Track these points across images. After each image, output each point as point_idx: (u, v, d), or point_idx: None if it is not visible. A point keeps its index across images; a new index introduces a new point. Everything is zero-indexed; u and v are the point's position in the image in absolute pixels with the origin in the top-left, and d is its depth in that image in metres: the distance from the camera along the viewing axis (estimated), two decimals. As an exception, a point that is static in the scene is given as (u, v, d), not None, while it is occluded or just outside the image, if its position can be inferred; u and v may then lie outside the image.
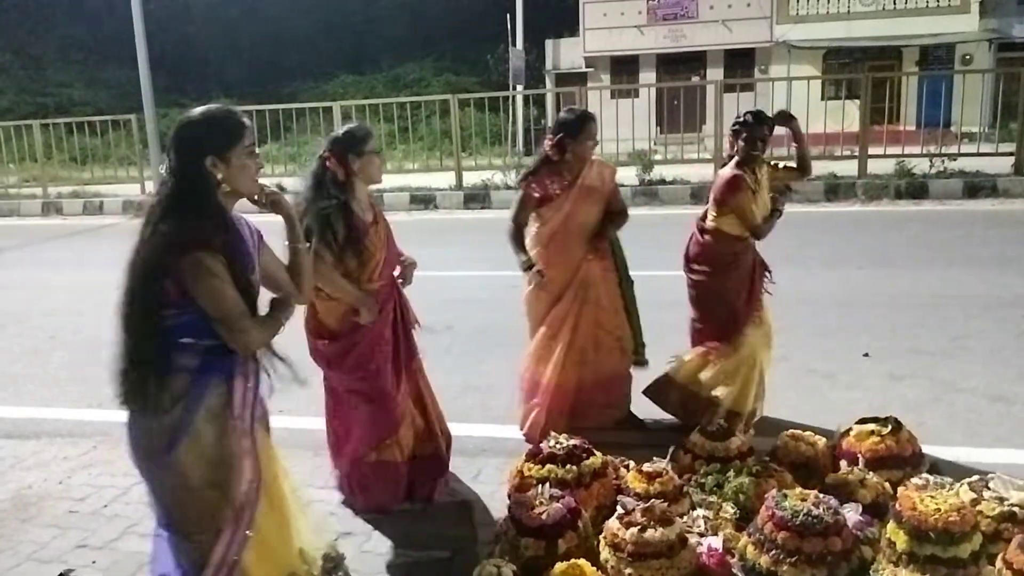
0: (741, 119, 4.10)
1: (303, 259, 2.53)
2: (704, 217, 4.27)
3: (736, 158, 4.12)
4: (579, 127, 4.05)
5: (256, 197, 2.38)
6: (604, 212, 4.20)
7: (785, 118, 4.23)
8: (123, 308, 2.20)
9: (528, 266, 4.08)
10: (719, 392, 4.22)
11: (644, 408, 4.45)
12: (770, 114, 4.20)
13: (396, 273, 3.65)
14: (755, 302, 4.22)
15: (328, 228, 3.29)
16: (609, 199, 4.22)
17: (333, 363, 3.51)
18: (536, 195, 4.12)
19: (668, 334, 4.49)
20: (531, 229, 4.21)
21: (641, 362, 4.38)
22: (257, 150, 2.32)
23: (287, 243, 2.53)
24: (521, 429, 4.32)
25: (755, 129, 4.04)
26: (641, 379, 4.42)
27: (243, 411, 2.26)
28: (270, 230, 2.58)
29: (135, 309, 2.17)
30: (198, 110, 2.28)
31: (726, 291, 4.19)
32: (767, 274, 4.31)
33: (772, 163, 4.31)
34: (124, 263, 2.23)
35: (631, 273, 4.33)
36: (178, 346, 2.20)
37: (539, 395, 4.24)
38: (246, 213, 2.43)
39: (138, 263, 2.18)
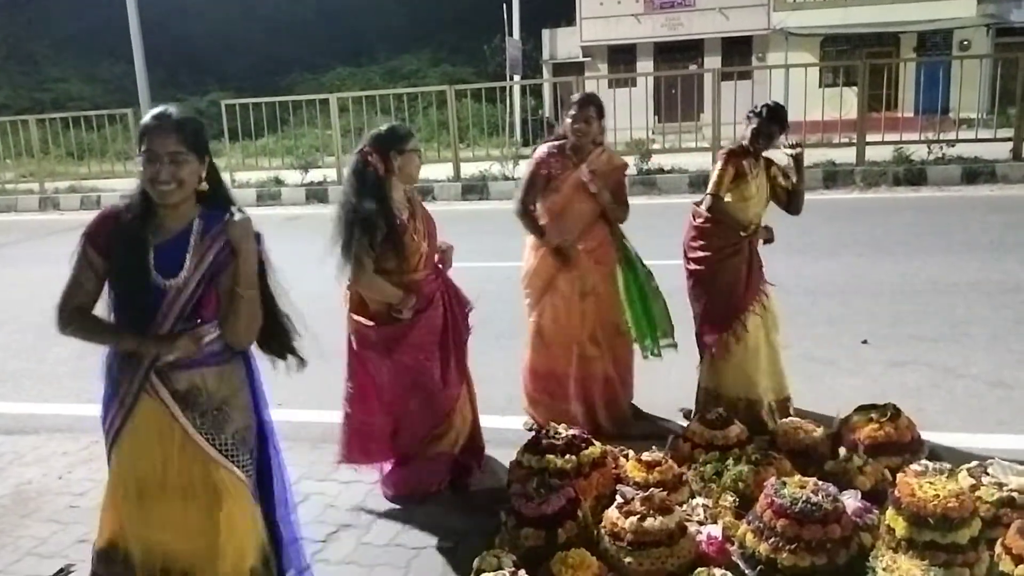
0: (758, 108, 4.10)
1: (242, 306, 2.32)
2: (700, 203, 4.26)
3: (741, 143, 4.15)
4: (576, 108, 4.07)
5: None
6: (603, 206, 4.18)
7: (795, 155, 4.20)
8: None
9: (555, 244, 4.09)
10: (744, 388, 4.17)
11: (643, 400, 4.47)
12: (760, 106, 4.18)
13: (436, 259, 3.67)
14: (753, 289, 4.18)
15: (368, 233, 3.31)
16: (613, 190, 4.18)
17: (391, 348, 3.49)
18: (543, 172, 4.12)
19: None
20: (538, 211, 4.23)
21: (672, 345, 4.42)
22: (143, 159, 2.25)
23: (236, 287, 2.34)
24: (527, 412, 4.32)
25: (765, 123, 4.05)
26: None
27: (137, 383, 2.30)
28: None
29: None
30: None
31: (723, 276, 4.16)
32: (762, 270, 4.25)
33: (775, 174, 4.24)
34: None
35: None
36: None
37: (534, 381, 4.29)
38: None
39: None
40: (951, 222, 9.37)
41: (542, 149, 4.22)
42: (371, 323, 3.49)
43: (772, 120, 4.05)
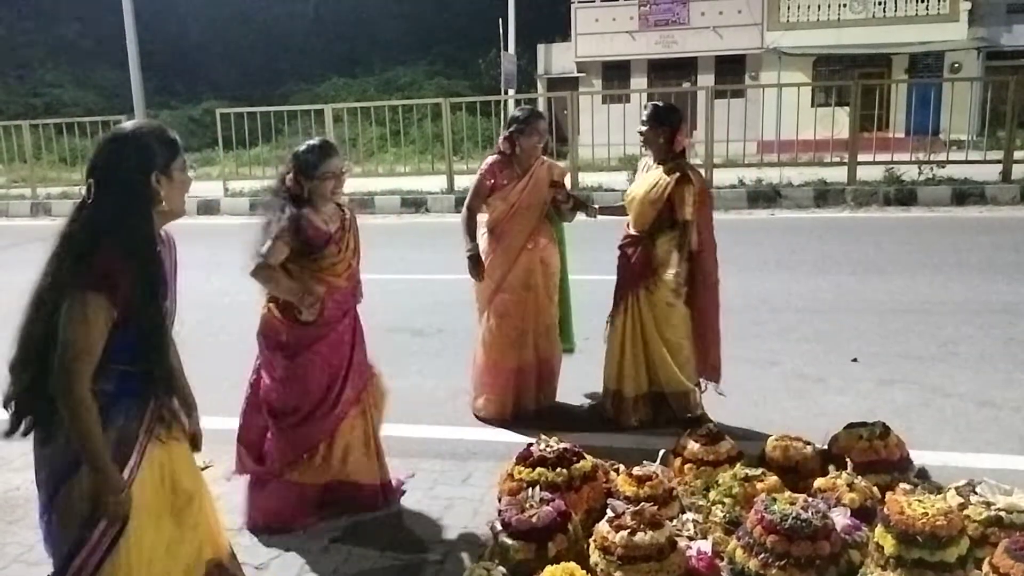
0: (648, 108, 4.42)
1: None
2: None
3: None
4: (526, 123, 4.42)
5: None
6: (548, 205, 4.58)
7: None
8: (30, 337, 2.15)
9: (472, 254, 4.46)
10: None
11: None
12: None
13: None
14: (624, 287, 4.45)
15: (282, 236, 3.25)
16: (556, 192, 4.58)
17: (296, 351, 3.39)
18: (488, 183, 4.47)
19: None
20: (482, 218, 4.58)
21: (570, 350, 4.86)
22: (191, 166, 2.25)
23: None
24: (477, 414, 4.67)
25: (644, 122, 4.34)
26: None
27: (149, 428, 2.22)
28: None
29: (45, 339, 2.09)
30: (131, 124, 2.23)
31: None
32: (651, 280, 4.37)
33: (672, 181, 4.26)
34: (31, 289, 2.17)
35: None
36: (99, 370, 2.11)
37: (489, 377, 4.58)
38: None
39: (42, 297, 2.13)
40: (941, 242, 9.44)
41: (488, 160, 4.58)
42: (283, 318, 3.38)
43: (651, 119, 4.30)
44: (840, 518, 2.97)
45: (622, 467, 3.59)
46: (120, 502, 2.11)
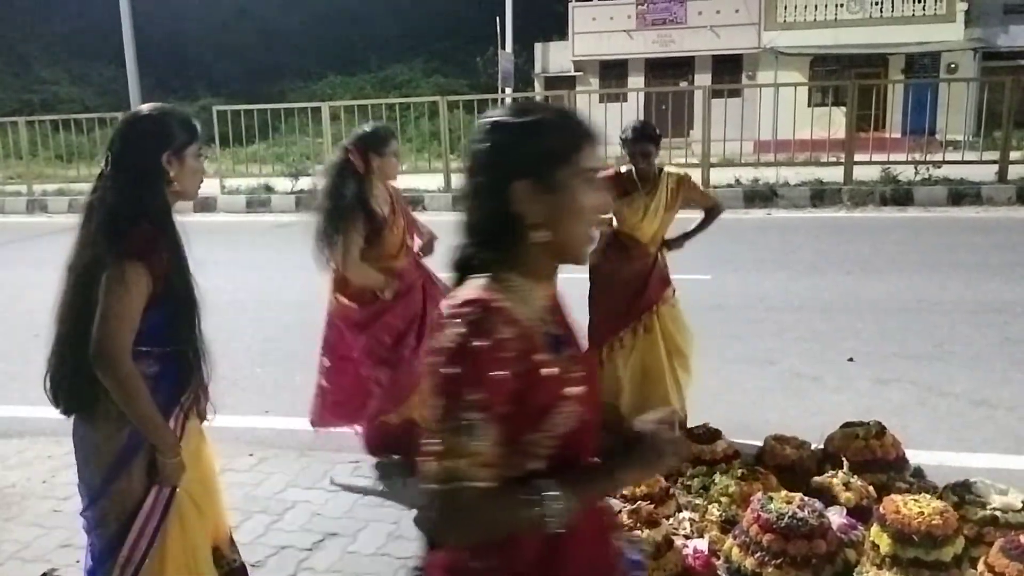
0: (624, 132, 4.07)
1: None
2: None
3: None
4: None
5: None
6: None
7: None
8: (69, 317, 2.15)
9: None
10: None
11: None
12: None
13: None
14: (618, 323, 4.11)
15: (353, 222, 3.57)
16: None
17: (369, 324, 3.76)
18: None
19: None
20: None
21: None
22: (206, 156, 2.30)
23: None
24: None
25: (630, 144, 4.02)
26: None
27: (187, 408, 2.26)
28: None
29: (86, 315, 2.09)
30: (152, 105, 2.29)
31: (593, 298, 4.15)
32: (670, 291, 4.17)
33: (684, 182, 4.14)
34: (65, 266, 2.19)
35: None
36: (136, 354, 2.12)
37: None
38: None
39: (81, 270, 2.14)
40: (937, 242, 9.46)
41: None
42: (354, 304, 3.75)
43: (635, 138, 4.01)
44: (836, 517, 2.98)
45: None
46: (176, 464, 2.17)
